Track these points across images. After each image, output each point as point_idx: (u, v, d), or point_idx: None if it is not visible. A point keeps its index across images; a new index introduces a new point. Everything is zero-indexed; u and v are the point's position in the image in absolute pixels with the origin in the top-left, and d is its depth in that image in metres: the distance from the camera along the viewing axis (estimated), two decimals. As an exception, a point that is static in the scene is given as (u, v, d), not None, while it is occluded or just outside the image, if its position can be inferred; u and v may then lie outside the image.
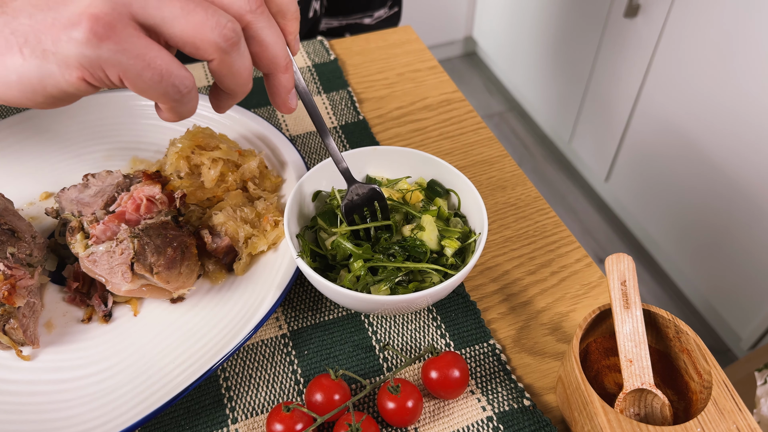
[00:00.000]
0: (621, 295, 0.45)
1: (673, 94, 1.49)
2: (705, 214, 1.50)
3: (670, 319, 0.45)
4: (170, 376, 0.47)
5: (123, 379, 0.48)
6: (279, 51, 0.41)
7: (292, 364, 0.51)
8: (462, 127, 0.74)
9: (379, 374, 0.51)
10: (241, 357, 0.52)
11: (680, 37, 1.42)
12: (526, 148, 2.16)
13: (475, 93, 2.37)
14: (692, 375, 0.45)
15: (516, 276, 0.59)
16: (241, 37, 0.38)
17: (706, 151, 1.44)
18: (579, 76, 1.83)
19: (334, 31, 1.02)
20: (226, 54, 0.37)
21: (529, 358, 0.52)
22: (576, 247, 0.61)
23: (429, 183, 0.57)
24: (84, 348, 0.50)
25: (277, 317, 0.55)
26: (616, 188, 1.82)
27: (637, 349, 0.44)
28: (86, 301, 0.53)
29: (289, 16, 0.42)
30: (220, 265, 0.55)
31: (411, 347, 0.53)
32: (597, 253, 1.82)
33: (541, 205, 0.65)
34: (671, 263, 1.73)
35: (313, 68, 0.81)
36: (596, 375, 0.47)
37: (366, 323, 0.54)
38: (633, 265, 0.46)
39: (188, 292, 0.54)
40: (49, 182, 0.63)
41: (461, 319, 0.55)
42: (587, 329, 0.46)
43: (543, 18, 1.94)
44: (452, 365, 0.47)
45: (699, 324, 1.65)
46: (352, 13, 1.01)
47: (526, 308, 0.56)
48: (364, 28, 1.01)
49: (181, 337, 0.50)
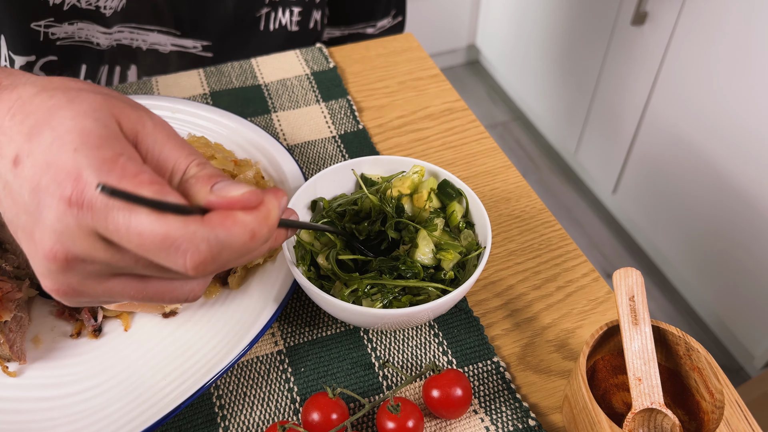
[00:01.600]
0: (629, 311, 0.45)
1: (682, 104, 1.49)
2: (716, 228, 1.50)
3: (681, 336, 0.45)
4: (162, 393, 0.47)
5: (113, 396, 0.47)
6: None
7: (288, 382, 0.51)
8: (465, 137, 0.74)
9: (378, 393, 0.51)
10: (235, 374, 0.52)
11: (689, 46, 1.43)
12: (531, 159, 2.16)
13: (478, 102, 2.38)
14: (704, 394, 0.45)
15: (521, 291, 0.59)
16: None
17: (716, 162, 1.44)
18: (585, 85, 1.83)
19: (336, 41, 1.02)
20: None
21: (535, 377, 0.52)
22: (583, 261, 0.61)
23: (440, 184, 0.57)
24: (73, 364, 0.50)
25: (272, 333, 0.54)
26: (624, 201, 1.82)
27: (646, 367, 0.43)
28: (75, 315, 0.53)
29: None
30: (215, 279, 0.55)
31: (412, 365, 0.53)
32: (604, 267, 1.82)
33: (546, 217, 0.65)
34: (681, 278, 1.72)
35: (311, 76, 0.81)
36: (604, 394, 0.47)
37: (365, 339, 0.54)
38: (642, 279, 0.46)
39: (181, 306, 0.53)
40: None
41: (464, 335, 0.54)
42: (594, 346, 0.46)
43: (548, 25, 1.95)
44: (454, 383, 0.47)
45: (710, 341, 1.65)
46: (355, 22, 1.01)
47: (531, 324, 0.56)
48: (367, 38, 1.02)
49: (174, 353, 0.50)
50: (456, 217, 0.55)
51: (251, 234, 0.34)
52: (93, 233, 0.32)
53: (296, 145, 0.72)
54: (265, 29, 0.89)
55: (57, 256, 0.33)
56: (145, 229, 0.31)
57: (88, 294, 0.35)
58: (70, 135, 0.33)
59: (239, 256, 0.34)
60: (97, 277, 0.34)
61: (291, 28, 0.91)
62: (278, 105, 0.77)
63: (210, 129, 0.67)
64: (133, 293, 0.36)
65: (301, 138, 0.73)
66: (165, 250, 0.32)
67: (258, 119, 0.75)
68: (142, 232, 0.31)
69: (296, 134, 0.74)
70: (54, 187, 0.32)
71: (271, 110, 0.77)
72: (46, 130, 0.34)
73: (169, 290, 0.36)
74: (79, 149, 0.33)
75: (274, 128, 0.74)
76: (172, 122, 0.68)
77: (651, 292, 1.76)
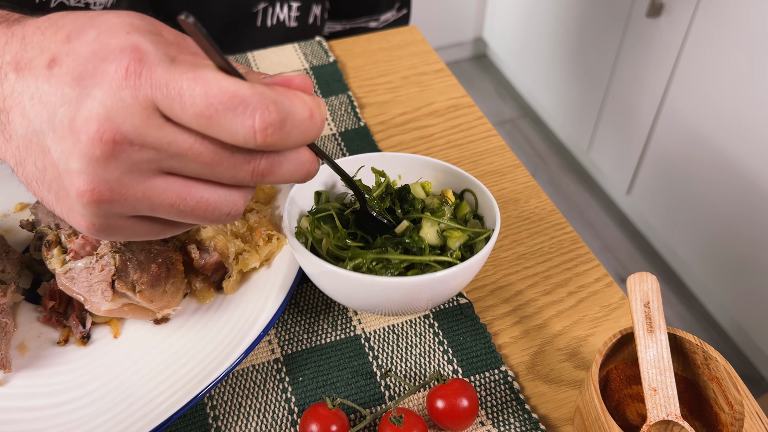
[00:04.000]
0: (644, 317, 0.45)
1: (700, 99, 1.49)
2: (736, 230, 1.49)
3: (698, 344, 0.45)
4: (153, 403, 0.47)
5: (102, 406, 0.48)
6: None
7: (286, 392, 0.51)
8: (471, 135, 0.74)
9: (380, 403, 0.51)
10: (230, 383, 0.52)
11: (707, 38, 1.43)
12: (541, 157, 2.16)
13: (485, 98, 2.38)
14: (722, 405, 0.44)
15: (530, 296, 0.59)
16: None
17: (735, 161, 1.44)
18: (598, 80, 1.83)
19: (338, 35, 1.03)
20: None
21: (545, 387, 0.52)
22: (595, 265, 0.61)
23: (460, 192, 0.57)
24: (60, 372, 0.50)
25: (269, 340, 0.54)
26: (639, 201, 1.82)
27: (661, 377, 0.43)
28: (63, 321, 0.53)
29: None
30: (209, 283, 0.55)
31: (415, 374, 0.53)
32: (618, 272, 1.82)
33: (557, 219, 0.65)
34: (699, 283, 1.72)
35: (310, 71, 0.82)
36: (617, 405, 0.47)
37: (366, 347, 0.54)
38: (657, 285, 0.46)
39: (173, 312, 0.53)
40: (24, 192, 0.63)
41: (470, 343, 0.54)
42: (607, 355, 0.46)
43: (559, 17, 1.95)
44: (460, 394, 0.47)
45: (729, 350, 1.64)
46: (357, 16, 1.01)
47: (541, 332, 0.56)
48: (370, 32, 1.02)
49: (165, 362, 0.50)
50: (465, 208, 0.55)
51: (310, 112, 0.34)
52: (150, 106, 0.32)
53: (294, 143, 0.72)
54: (263, 25, 0.89)
55: (104, 137, 0.32)
56: (213, 88, 0.31)
57: (124, 198, 0.34)
58: (119, 26, 0.33)
59: (300, 134, 0.34)
60: (142, 172, 0.34)
61: (289, 24, 0.92)
62: (276, 101, 0.77)
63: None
64: (175, 200, 0.35)
65: (299, 136, 0.73)
66: (233, 110, 0.32)
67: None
68: (209, 91, 0.31)
69: (294, 132, 0.74)
70: (105, 64, 0.32)
71: (268, 106, 0.77)
72: (89, 29, 0.33)
73: (213, 201, 0.36)
74: (132, 33, 0.33)
75: (271, 125, 0.74)
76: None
77: (667, 298, 1.76)
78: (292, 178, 0.38)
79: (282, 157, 0.36)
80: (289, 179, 0.38)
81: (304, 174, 0.38)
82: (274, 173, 0.36)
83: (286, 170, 0.37)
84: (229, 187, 0.37)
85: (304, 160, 0.38)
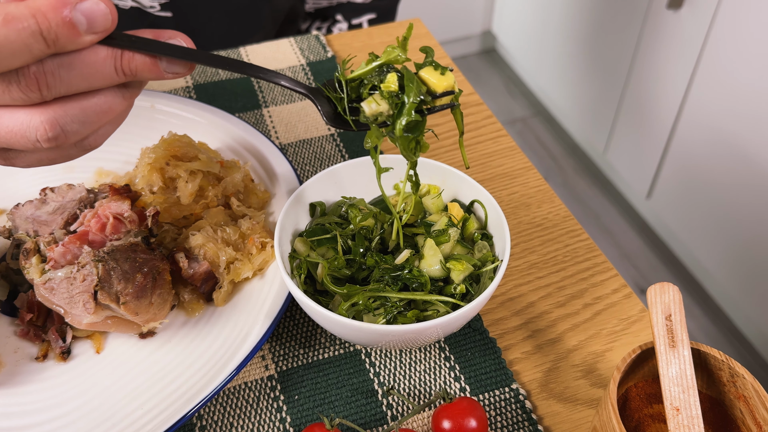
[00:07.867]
0: (666, 331, 0.45)
1: (725, 96, 1.49)
2: (763, 237, 1.49)
3: (724, 360, 0.45)
4: (138, 424, 0.47)
5: (83, 426, 0.48)
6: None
7: (281, 411, 0.51)
8: (479, 135, 0.74)
9: (382, 424, 0.51)
10: (220, 402, 0.52)
11: (733, 30, 1.43)
12: (554, 159, 2.16)
13: (494, 95, 2.38)
14: (750, 426, 0.44)
15: (543, 309, 0.59)
16: None
17: (764, 162, 1.44)
18: (615, 76, 1.84)
19: (323, 12, 1.01)
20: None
21: (559, 406, 0.52)
22: (613, 275, 0.61)
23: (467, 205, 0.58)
24: (38, 390, 0.50)
25: (263, 355, 0.55)
26: (659, 206, 1.82)
27: (684, 396, 0.43)
28: (41, 335, 0.53)
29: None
30: (198, 294, 0.55)
31: (420, 392, 0.53)
32: (637, 282, 1.82)
33: (571, 225, 0.65)
34: (724, 294, 1.72)
35: (307, 66, 0.82)
36: (637, 426, 0.47)
37: (367, 363, 0.54)
38: (680, 296, 0.46)
39: (160, 325, 0.54)
40: (0, 197, 0.63)
41: (478, 359, 0.54)
42: (626, 372, 0.46)
43: (573, 9, 1.95)
44: (468, 413, 0.47)
45: (758, 366, 1.64)
46: None
47: (555, 347, 0.56)
48: (358, 8, 1.01)
49: (151, 379, 0.50)
50: (472, 225, 0.55)
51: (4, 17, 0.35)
52: None
53: (290, 144, 0.72)
54: None
55: None
56: None
57: None
58: None
59: (88, 25, 0.36)
60: None
61: None
62: (270, 99, 0.78)
63: (193, 126, 0.68)
64: None
65: (295, 136, 0.73)
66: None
67: (247, 115, 0.76)
68: None
69: (290, 132, 0.74)
70: None
71: (261, 105, 0.77)
72: None
73: (16, 128, 0.38)
74: None
75: (265, 125, 0.75)
76: (151, 118, 0.68)
77: (690, 310, 1.76)
78: (90, 83, 0.38)
79: (71, 58, 0.37)
80: (87, 85, 0.38)
81: (105, 76, 0.39)
82: (62, 79, 0.37)
83: (78, 73, 0.37)
84: (29, 108, 0.38)
85: (98, 59, 0.38)
